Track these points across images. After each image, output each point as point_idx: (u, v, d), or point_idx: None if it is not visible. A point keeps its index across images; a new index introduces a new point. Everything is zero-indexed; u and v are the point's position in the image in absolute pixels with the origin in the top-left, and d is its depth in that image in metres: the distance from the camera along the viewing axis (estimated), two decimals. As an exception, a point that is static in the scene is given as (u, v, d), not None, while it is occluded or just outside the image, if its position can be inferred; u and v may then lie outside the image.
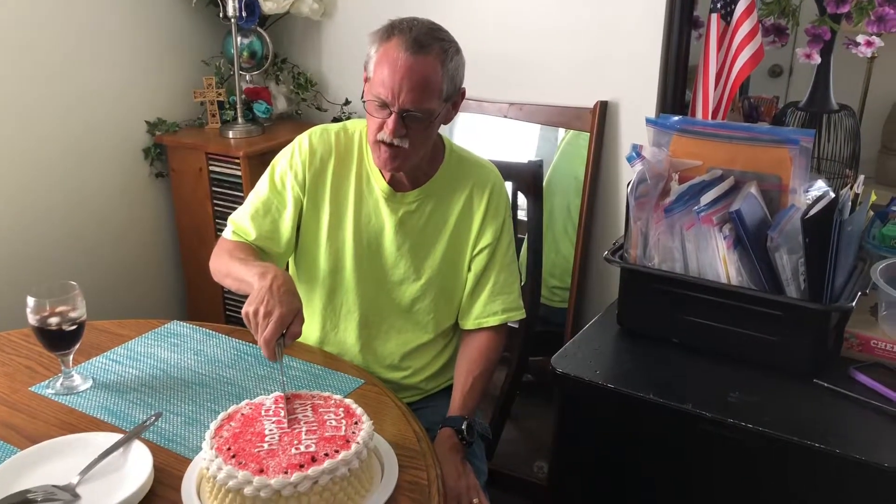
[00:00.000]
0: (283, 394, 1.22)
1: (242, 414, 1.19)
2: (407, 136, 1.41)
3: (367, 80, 1.44)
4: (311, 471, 1.04)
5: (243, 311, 1.30)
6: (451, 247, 1.58)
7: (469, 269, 1.60)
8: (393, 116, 1.39)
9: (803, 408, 1.38)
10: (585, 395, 1.51)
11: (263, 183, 1.58)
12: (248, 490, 1.03)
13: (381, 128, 1.41)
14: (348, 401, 1.22)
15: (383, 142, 1.42)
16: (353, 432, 1.13)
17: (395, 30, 1.40)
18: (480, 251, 1.58)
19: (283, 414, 1.18)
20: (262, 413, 1.18)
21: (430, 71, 1.38)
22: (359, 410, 1.19)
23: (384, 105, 1.40)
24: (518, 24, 2.16)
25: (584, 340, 1.62)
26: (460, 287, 1.61)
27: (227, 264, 1.49)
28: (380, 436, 1.22)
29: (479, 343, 1.59)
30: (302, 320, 1.32)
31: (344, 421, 1.16)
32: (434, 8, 2.22)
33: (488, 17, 2.20)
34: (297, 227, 1.59)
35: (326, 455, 1.07)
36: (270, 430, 1.14)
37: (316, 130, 1.58)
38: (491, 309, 1.58)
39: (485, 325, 1.59)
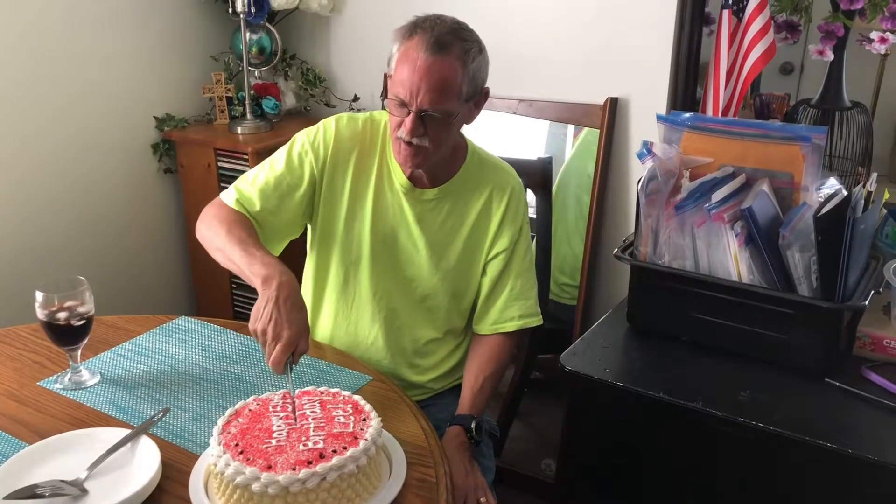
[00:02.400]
0: (291, 394, 1.22)
1: (250, 410, 1.18)
2: (426, 134, 1.40)
3: (389, 77, 1.43)
4: (320, 467, 1.03)
5: (251, 326, 1.29)
6: (468, 247, 1.57)
7: (484, 272, 1.59)
8: (411, 116, 1.38)
9: (814, 407, 1.37)
10: (594, 393, 1.50)
11: (280, 158, 1.54)
12: (255, 486, 1.03)
13: (400, 126, 1.41)
14: (357, 397, 1.21)
15: (403, 140, 1.42)
16: (362, 429, 1.12)
17: (418, 28, 1.39)
18: (496, 255, 1.57)
19: (290, 409, 1.17)
20: (270, 409, 1.18)
21: (450, 72, 1.37)
22: (367, 407, 1.18)
23: (403, 104, 1.39)
24: (528, 20, 2.15)
25: (594, 338, 1.61)
26: (472, 288, 1.60)
27: (224, 239, 1.42)
28: (388, 433, 1.22)
29: (492, 344, 1.58)
30: (308, 336, 1.30)
31: (352, 417, 1.15)
32: (443, 3, 2.21)
33: (498, 13, 2.19)
34: (310, 214, 1.57)
35: (335, 451, 1.06)
36: (278, 426, 1.14)
37: (343, 117, 1.57)
38: (508, 315, 1.57)
39: (501, 331, 1.58)
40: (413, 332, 1.60)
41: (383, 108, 1.51)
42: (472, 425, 1.44)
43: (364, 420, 1.15)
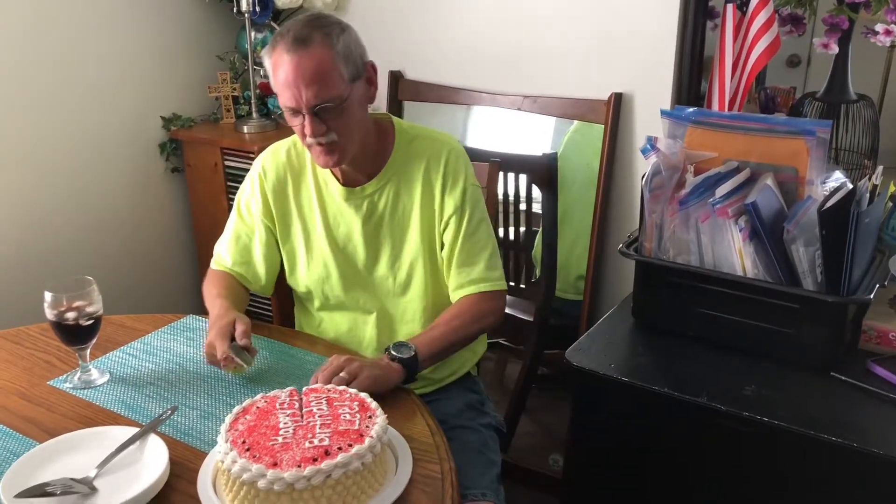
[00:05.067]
0: (294, 388, 1.24)
1: (258, 407, 1.19)
2: (330, 129, 1.41)
3: (277, 94, 1.45)
4: (325, 465, 1.04)
5: (207, 361, 1.43)
6: (424, 225, 1.55)
7: (442, 243, 1.56)
8: (307, 118, 1.40)
9: (820, 401, 1.37)
10: (600, 388, 1.50)
11: (234, 212, 1.64)
12: (261, 483, 1.04)
13: (304, 133, 1.42)
14: (363, 395, 1.22)
15: (312, 144, 1.43)
16: (367, 426, 1.13)
17: (278, 37, 1.41)
18: (447, 224, 1.54)
19: (297, 406, 1.19)
20: (277, 406, 1.19)
21: (320, 60, 1.38)
22: (373, 404, 1.19)
23: (295, 111, 1.41)
24: (531, 16, 2.15)
25: (599, 334, 1.61)
26: (441, 263, 1.59)
27: (207, 301, 1.59)
28: (394, 429, 1.22)
29: (458, 304, 1.54)
30: (243, 323, 1.40)
31: (358, 415, 1.16)
32: (443, 1, 2.22)
33: (502, 9, 2.19)
34: (280, 252, 1.64)
35: (340, 449, 1.07)
36: (285, 424, 1.14)
37: (266, 154, 1.62)
38: (456, 281, 1.54)
39: (460, 297, 1.54)
40: (404, 326, 1.61)
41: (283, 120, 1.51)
42: (390, 347, 1.39)
43: (370, 417, 1.16)
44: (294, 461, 1.06)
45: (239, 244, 1.63)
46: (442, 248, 1.57)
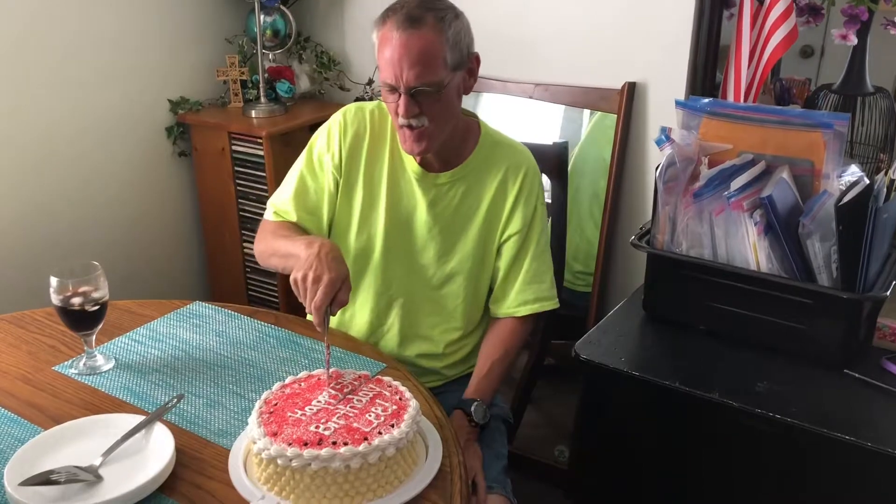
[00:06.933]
0: (334, 370, 1.24)
1: (319, 378, 1.21)
2: (423, 113, 1.39)
3: (378, 68, 1.43)
4: (306, 453, 1.04)
5: (291, 277, 1.31)
6: (483, 230, 1.55)
7: (499, 255, 1.57)
8: (403, 98, 1.38)
9: (833, 398, 1.35)
10: (609, 381, 1.49)
11: (301, 163, 1.58)
12: (254, 447, 1.07)
13: (398, 112, 1.40)
14: (413, 406, 1.15)
15: (404, 125, 1.41)
16: (380, 432, 1.08)
17: (389, 12, 1.39)
18: (510, 237, 1.55)
19: (347, 391, 1.18)
20: (332, 383, 1.20)
21: (427, 43, 1.36)
22: (405, 424, 1.11)
23: (393, 88, 1.39)
24: (544, 3, 2.12)
25: (609, 326, 1.59)
26: (488, 272, 1.59)
27: (271, 244, 1.50)
28: (436, 434, 1.19)
29: (504, 328, 1.57)
30: (349, 288, 1.32)
31: (383, 418, 1.12)
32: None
33: (514, -4, 2.16)
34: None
35: (334, 443, 1.05)
36: (317, 402, 1.15)
37: (351, 108, 1.57)
38: (522, 298, 1.56)
39: (515, 315, 1.57)
40: (429, 318, 1.60)
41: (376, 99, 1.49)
42: (472, 409, 1.44)
43: (391, 426, 1.10)
44: (289, 438, 1.06)
45: (307, 198, 1.56)
46: (497, 258, 1.57)
